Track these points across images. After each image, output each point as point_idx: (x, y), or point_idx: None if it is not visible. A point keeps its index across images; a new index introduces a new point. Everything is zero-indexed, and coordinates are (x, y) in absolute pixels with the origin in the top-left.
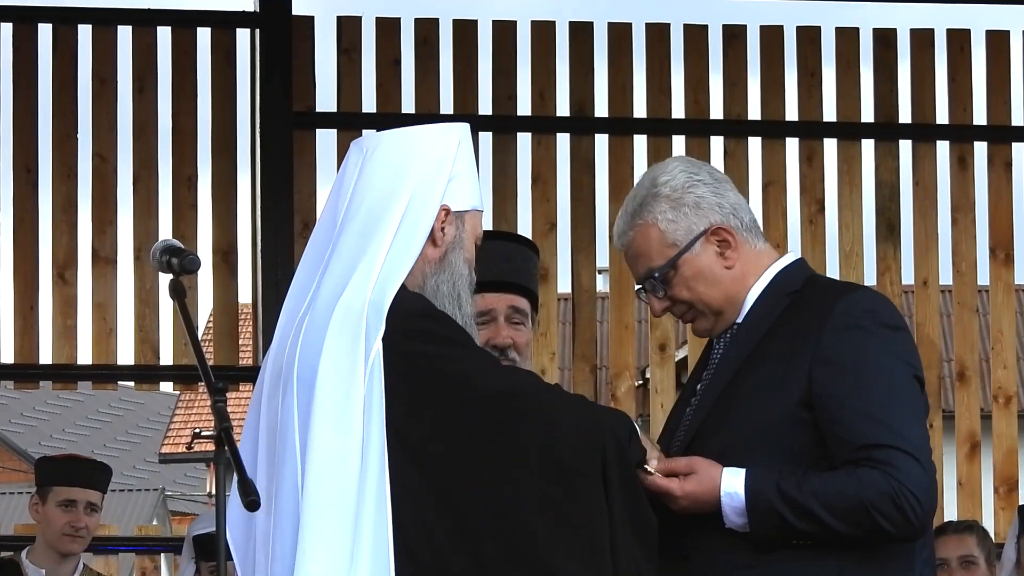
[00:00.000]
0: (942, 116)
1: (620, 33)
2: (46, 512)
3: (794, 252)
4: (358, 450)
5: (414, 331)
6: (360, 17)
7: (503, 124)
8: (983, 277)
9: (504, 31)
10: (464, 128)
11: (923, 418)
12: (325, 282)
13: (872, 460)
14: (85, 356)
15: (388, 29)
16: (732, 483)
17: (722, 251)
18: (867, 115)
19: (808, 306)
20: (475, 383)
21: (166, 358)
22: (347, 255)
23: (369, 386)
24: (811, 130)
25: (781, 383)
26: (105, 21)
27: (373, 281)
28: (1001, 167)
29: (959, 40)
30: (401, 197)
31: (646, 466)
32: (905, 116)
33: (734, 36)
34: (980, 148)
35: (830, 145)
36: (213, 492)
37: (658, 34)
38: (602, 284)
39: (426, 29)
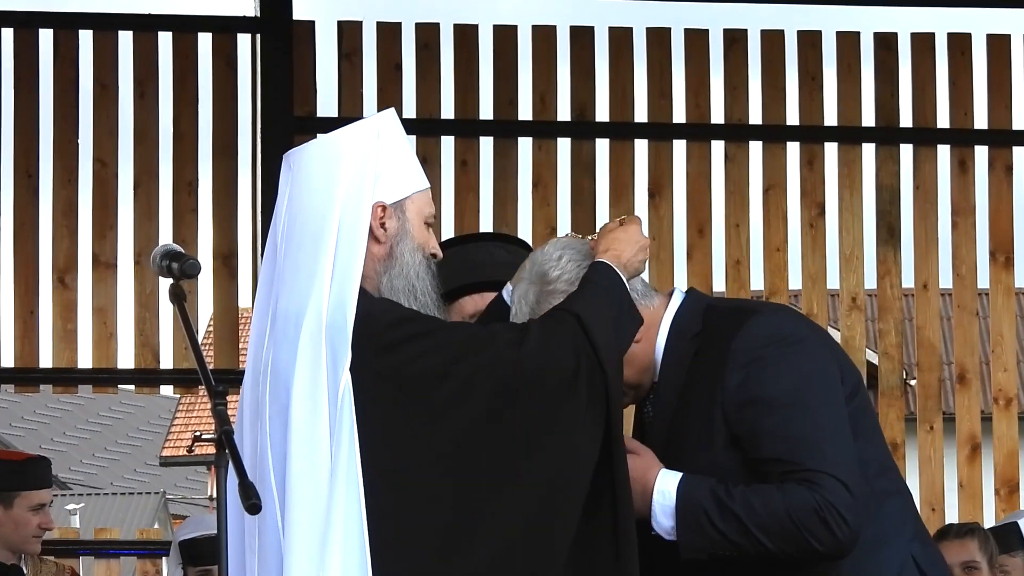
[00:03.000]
0: (943, 120)
1: (621, 37)
2: (12, 516)
3: (678, 287)
4: (328, 482)
5: (381, 347)
6: (361, 22)
7: (504, 128)
8: (983, 280)
9: (505, 35)
10: (383, 117)
11: (843, 430)
12: (280, 304)
13: (798, 479)
14: (85, 360)
15: (389, 34)
16: (666, 483)
17: None
18: (868, 119)
19: (710, 347)
20: (454, 376)
21: (166, 362)
22: (295, 275)
23: (340, 417)
24: (812, 134)
25: (707, 437)
26: (106, 26)
27: (326, 300)
28: (1002, 171)
29: (960, 44)
30: (333, 208)
31: None
32: (906, 120)
33: (735, 40)
34: (981, 152)
35: (831, 149)
36: (214, 495)
37: (659, 38)
38: None
39: (427, 34)
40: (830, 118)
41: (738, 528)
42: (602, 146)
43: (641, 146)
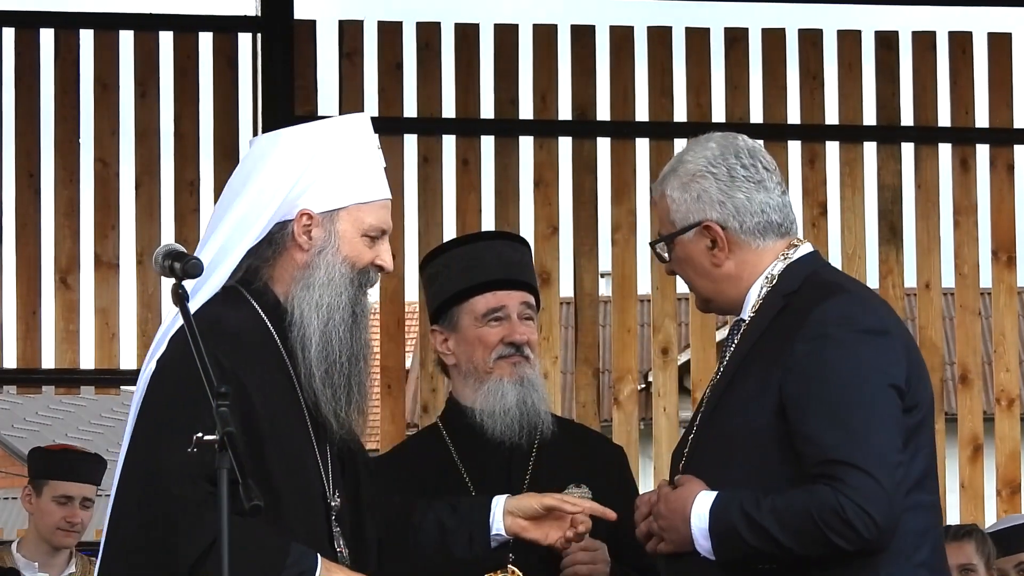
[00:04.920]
0: (944, 119)
1: (622, 36)
2: (40, 505)
3: (807, 243)
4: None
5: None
6: (362, 21)
7: (505, 128)
8: (985, 280)
9: (506, 35)
10: (347, 122)
11: (890, 426)
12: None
13: (826, 476)
14: (87, 360)
15: (390, 33)
16: (701, 506)
17: (712, 248)
18: (869, 118)
19: (795, 311)
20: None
21: None
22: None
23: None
24: (813, 133)
25: (761, 394)
26: (107, 26)
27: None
28: (1003, 169)
29: (961, 42)
30: (235, 208)
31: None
32: (907, 119)
33: (736, 39)
34: (982, 151)
35: (832, 148)
36: None
37: (660, 37)
38: (604, 288)
39: (428, 33)
40: (831, 117)
41: (769, 540)
42: (603, 145)
43: (642, 145)
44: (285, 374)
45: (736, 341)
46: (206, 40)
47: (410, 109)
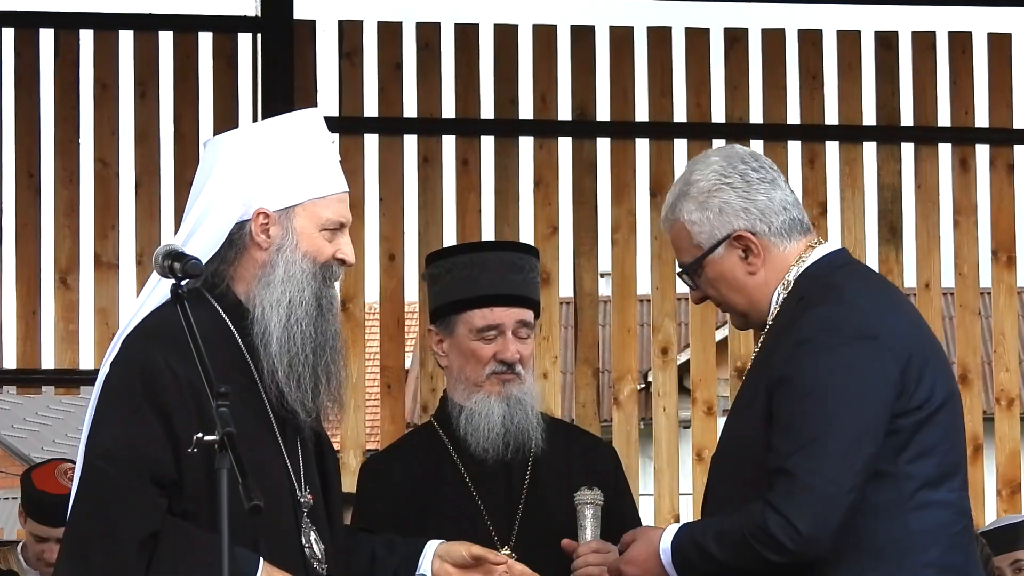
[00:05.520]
0: (944, 119)
1: (622, 36)
2: (27, 529)
3: (833, 242)
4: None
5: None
6: (362, 21)
7: (505, 128)
8: (985, 280)
9: (506, 35)
10: (288, 120)
11: (851, 434)
12: None
13: (770, 485)
14: (87, 361)
15: (390, 33)
16: (665, 541)
17: (746, 257)
18: (869, 118)
19: (795, 316)
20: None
21: None
22: None
23: None
24: (813, 133)
25: (752, 402)
26: (107, 26)
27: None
28: (1003, 169)
29: (961, 42)
30: (193, 211)
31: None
32: (907, 119)
33: (736, 39)
34: (982, 151)
35: (832, 148)
36: None
37: (660, 37)
38: (604, 288)
39: (428, 33)
40: (831, 117)
41: (715, 563)
42: (603, 145)
43: (642, 145)
44: (246, 373)
45: (756, 350)
46: (206, 40)
47: (410, 109)
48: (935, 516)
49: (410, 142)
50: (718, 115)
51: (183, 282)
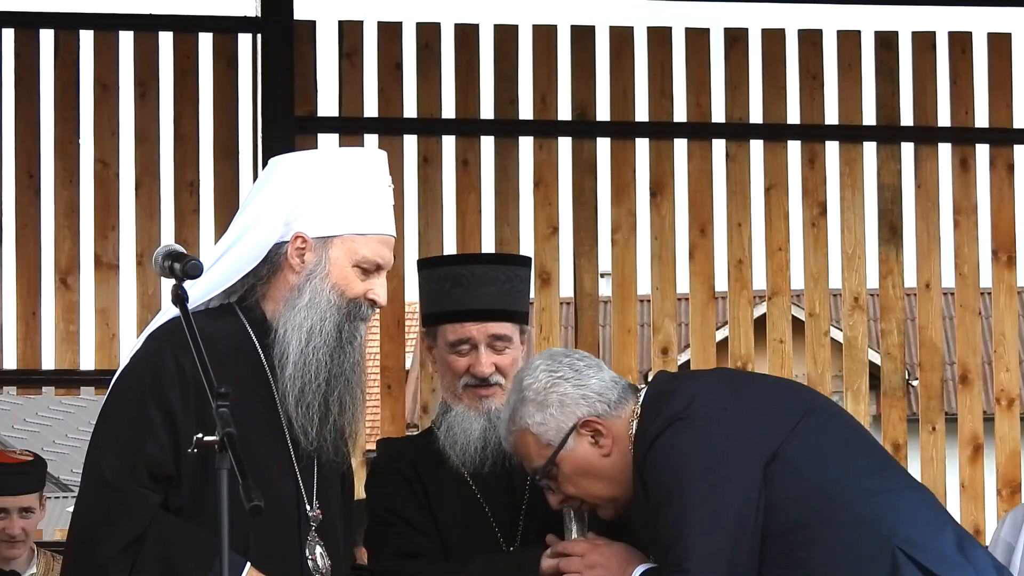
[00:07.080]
0: (944, 119)
1: (622, 37)
2: None
3: (642, 384)
4: None
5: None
6: (362, 21)
7: (505, 128)
8: (985, 280)
9: (506, 35)
10: (350, 154)
11: (714, 516)
12: None
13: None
14: (87, 361)
15: (390, 33)
16: None
17: (596, 441)
18: (869, 118)
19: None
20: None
21: None
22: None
23: None
24: (813, 133)
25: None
26: (107, 26)
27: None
28: (1003, 169)
29: (961, 42)
30: (236, 224)
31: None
32: (907, 119)
33: (736, 39)
34: (982, 150)
35: (832, 148)
36: None
37: (660, 37)
38: (604, 288)
39: (428, 33)
40: (831, 117)
41: None
42: (603, 145)
43: (642, 145)
44: (265, 386)
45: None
46: (206, 41)
47: (410, 109)
48: (882, 498)
49: (410, 142)
50: (718, 115)
51: (184, 283)
